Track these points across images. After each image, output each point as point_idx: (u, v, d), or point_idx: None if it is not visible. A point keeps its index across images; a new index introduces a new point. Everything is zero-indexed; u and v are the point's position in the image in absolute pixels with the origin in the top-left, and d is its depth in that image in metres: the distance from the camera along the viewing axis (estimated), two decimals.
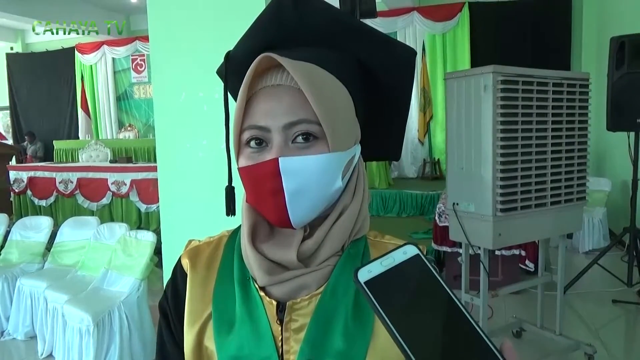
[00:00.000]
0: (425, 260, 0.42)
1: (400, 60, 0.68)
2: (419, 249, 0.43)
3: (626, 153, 3.87)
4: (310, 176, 0.59)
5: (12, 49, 11.83)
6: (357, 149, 0.66)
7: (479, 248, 2.48)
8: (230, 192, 0.69)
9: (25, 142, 10.51)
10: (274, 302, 0.62)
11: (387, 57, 0.67)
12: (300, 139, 0.59)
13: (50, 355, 3.15)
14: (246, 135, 0.61)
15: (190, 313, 0.66)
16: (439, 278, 0.42)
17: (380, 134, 0.74)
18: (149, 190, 5.77)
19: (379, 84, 0.69)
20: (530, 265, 3.86)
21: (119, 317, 2.87)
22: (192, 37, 2.31)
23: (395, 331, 0.38)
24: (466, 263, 2.70)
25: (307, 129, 0.59)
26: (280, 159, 0.58)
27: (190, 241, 0.73)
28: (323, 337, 0.60)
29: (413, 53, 0.69)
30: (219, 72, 0.72)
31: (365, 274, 0.41)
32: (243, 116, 0.61)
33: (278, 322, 0.61)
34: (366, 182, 0.68)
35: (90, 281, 3.21)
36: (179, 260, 0.71)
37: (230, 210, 0.69)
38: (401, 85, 0.70)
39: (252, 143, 0.61)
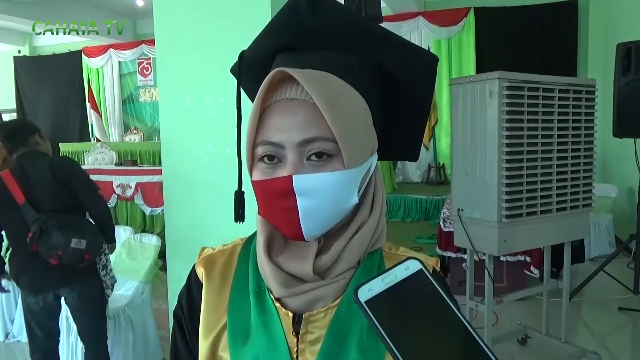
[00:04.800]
0: (429, 276, 0.40)
1: (421, 66, 0.66)
2: (423, 265, 0.40)
3: (633, 159, 3.84)
4: (324, 194, 0.57)
5: (19, 52, 11.92)
6: (374, 159, 0.64)
7: (484, 254, 2.46)
8: (239, 197, 0.66)
9: None
10: (290, 314, 0.61)
11: (407, 62, 0.65)
12: (314, 157, 0.58)
13: None
14: (260, 150, 0.59)
15: (205, 323, 0.65)
16: (444, 295, 0.39)
17: (399, 137, 0.72)
18: (153, 194, 5.77)
19: (399, 90, 0.67)
20: (536, 272, 3.83)
21: (122, 321, 2.87)
22: (198, 42, 2.31)
23: (397, 353, 0.36)
24: (471, 269, 2.68)
25: (322, 147, 0.57)
26: (294, 177, 0.56)
27: (203, 249, 0.72)
28: (338, 350, 0.59)
29: (435, 59, 0.67)
30: (232, 71, 0.70)
31: (366, 292, 0.39)
32: (256, 130, 0.60)
33: (294, 333, 0.61)
34: (383, 193, 0.66)
35: None
36: (194, 269, 0.70)
37: (239, 216, 0.67)
38: (422, 91, 0.68)
39: (266, 159, 0.59)
